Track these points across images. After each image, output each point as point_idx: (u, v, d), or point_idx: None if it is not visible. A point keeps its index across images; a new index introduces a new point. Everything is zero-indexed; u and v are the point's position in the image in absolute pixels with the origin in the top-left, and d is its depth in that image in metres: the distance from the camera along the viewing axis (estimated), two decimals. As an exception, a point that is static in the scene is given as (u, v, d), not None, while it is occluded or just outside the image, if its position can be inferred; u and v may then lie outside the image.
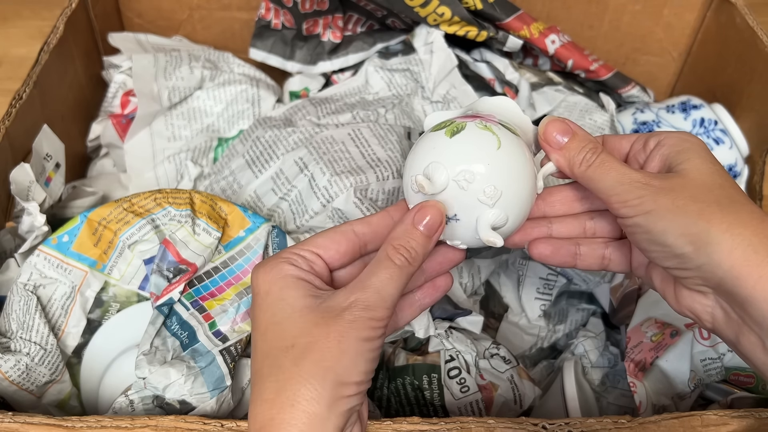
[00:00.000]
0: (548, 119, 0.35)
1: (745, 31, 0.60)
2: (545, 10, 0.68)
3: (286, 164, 0.53)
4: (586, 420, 0.34)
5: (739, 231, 0.28)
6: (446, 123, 0.35)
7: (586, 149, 0.34)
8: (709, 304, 0.31)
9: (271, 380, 0.29)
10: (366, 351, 0.30)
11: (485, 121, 0.34)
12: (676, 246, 0.30)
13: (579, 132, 0.35)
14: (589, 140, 0.34)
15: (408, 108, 0.60)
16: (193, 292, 0.43)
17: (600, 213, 0.38)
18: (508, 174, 0.33)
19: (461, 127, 0.34)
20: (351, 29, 0.66)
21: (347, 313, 0.30)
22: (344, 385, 0.29)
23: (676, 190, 0.31)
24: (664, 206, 0.30)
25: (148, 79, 0.60)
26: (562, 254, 0.37)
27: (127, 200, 0.46)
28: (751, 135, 0.59)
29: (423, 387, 0.45)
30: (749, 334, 0.30)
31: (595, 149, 0.34)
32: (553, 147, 0.35)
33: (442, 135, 0.34)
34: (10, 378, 0.40)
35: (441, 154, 0.33)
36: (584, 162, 0.34)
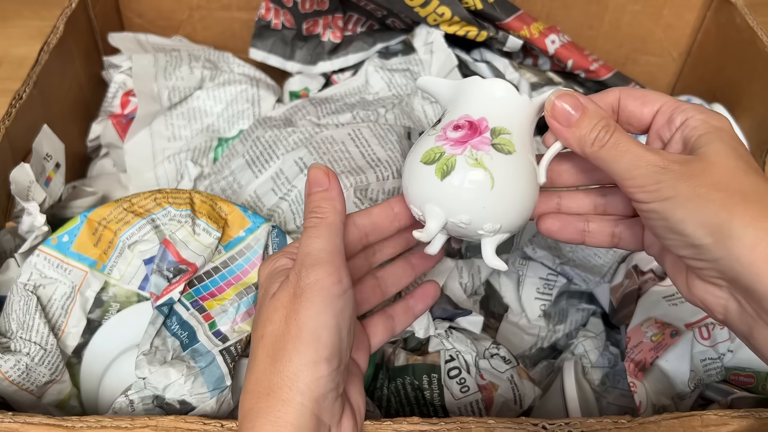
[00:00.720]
0: (556, 93, 0.32)
1: (745, 31, 0.60)
2: (545, 10, 0.68)
3: (286, 164, 0.53)
4: (586, 420, 0.34)
5: (763, 225, 0.26)
6: (435, 155, 0.33)
7: (598, 127, 0.31)
8: (722, 296, 0.30)
9: (249, 371, 0.31)
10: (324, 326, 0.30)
11: (476, 150, 0.32)
12: (695, 236, 0.28)
13: (590, 106, 0.32)
14: (602, 116, 0.31)
15: (408, 108, 0.60)
16: (193, 292, 0.43)
17: (611, 189, 0.36)
18: (505, 206, 0.33)
19: (451, 166, 0.32)
20: (351, 29, 0.66)
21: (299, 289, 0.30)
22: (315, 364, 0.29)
23: (697, 175, 0.28)
24: (684, 194, 0.28)
25: (148, 79, 0.60)
26: (570, 230, 0.36)
27: (127, 200, 0.46)
28: (751, 135, 0.59)
29: (423, 387, 0.45)
30: (764, 328, 0.28)
31: (608, 127, 0.31)
32: (562, 124, 0.32)
33: (432, 174, 0.33)
34: (10, 378, 0.40)
35: (434, 195, 0.33)
36: (597, 141, 0.31)
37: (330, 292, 0.30)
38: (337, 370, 0.30)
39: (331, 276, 0.30)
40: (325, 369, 0.29)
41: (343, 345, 0.31)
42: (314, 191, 0.33)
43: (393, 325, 0.39)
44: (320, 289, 0.30)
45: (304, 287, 0.30)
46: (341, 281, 0.31)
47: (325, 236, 0.32)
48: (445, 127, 0.34)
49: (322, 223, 0.32)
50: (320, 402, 0.29)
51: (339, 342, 0.30)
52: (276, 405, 0.29)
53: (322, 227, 0.32)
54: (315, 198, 0.33)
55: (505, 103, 0.34)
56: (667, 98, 0.33)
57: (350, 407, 0.33)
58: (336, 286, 0.30)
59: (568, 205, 0.37)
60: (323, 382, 0.29)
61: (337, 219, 0.33)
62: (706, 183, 0.28)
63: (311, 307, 0.30)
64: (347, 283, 0.31)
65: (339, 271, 0.31)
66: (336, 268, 0.31)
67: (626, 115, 0.34)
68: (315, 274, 0.30)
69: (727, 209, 0.27)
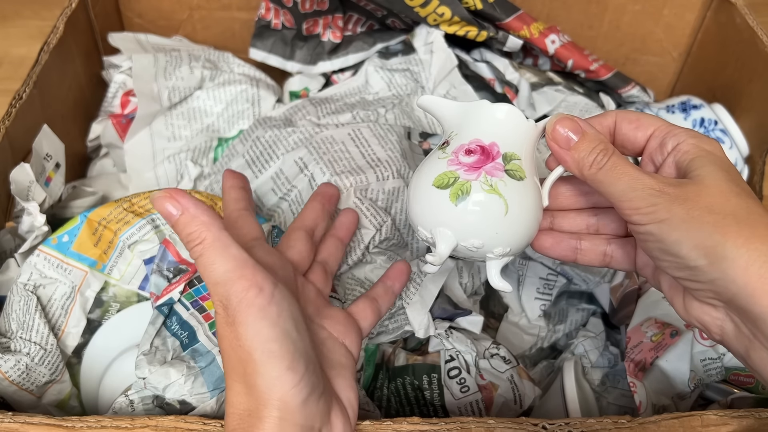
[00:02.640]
0: (556, 118, 0.34)
1: (745, 31, 0.60)
2: (545, 10, 0.68)
3: (286, 164, 0.53)
4: (586, 420, 0.34)
5: (755, 246, 0.27)
6: (449, 179, 0.33)
7: (596, 150, 0.32)
8: (719, 316, 0.30)
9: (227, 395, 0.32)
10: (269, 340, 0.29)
11: (490, 177, 0.33)
12: (690, 258, 0.29)
13: (589, 131, 0.33)
14: (600, 140, 0.33)
15: (408, 108, 0.60)
16: (193, 292, 0.43)
17: (604, 210, 0.37)
18: (517, 230, 0.33)
19: (466, 191, 0.33)
20: (351, 29, 0.66)
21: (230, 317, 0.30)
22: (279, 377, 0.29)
23: (691, 198, 0.29)
24: (679, 216, 0.29)
25: (148, 79, 0.60)
26: (562, 247, 0.37)
27: (127, 200, 0.46)
28: (751, 135, 0.59)
29: (423, 387, 0.45)
30: (761, 349, 0.29)
31: (606, 150, 0.32)
32: (561, 147, 0.33)
33: (446, 198, 0.33)
34: (10, 378, 0.40)
35: (447, 219, 0.33)
36: (594, 164, 0.32)
37: (257, 305, 0.29)
38: (306, 371, 0.30)
39: (250, 290, 0.29)
40: (293, 377, 0.29)
41: (299, 345, 0.30)
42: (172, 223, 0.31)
43: (378, 306, 0.41)
44: (246, 307, 0.29)
45: (232, 313, 0.29)
46: (262, 288, 0.30)
47: (218, 257, 0.30)
48: (457, 151, 0.34)
49: (204, 248, 0.30)
50: (302, 410, 0.29)
51: (293, 345, 0.30)
52: (256, 424, 0.29)
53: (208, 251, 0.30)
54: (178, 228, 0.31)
55: (514, 128, 0.34)
56: (660, 122, 0.34)
57: (339, 403, 0.33)
58: (259, 297, 0.29)
59: (561, 224, 0.38)
60: (296, 391, 0.29)
61: (215, 233, 0.30)
62: (700, 205, 0.29)
63: (248, 329, 0.29)
64: (270, 285, 0.30)
65: (254, 279, 0.30)
66: (249, 280, 0.29)
67: (621, 138, 0.35)
68: (233, 296, 0.29)
69: (721, 231, 0.28)
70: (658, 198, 0.30)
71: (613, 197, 0.31)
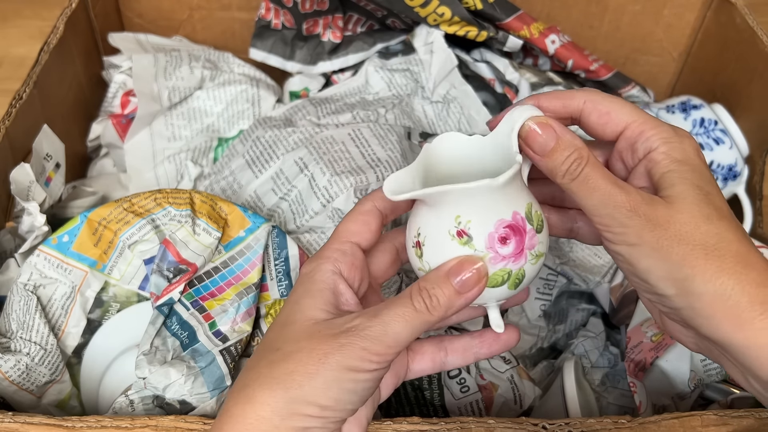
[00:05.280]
0: (533, 119, 0.31)
1: (745, 31, 0.60)
2: (545, 10, 0.68)
3: (286, 164, 0.53)
4: (586, 420, 0.34)
5: (722, 280, 0.27)
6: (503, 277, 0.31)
7: (571, 159, 0.30)
8: (691, 335, 0.31)
9: (243, 375, 0.29)
10: (347, 380, 0.28)
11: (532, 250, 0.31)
12: (658, 287, 0.29)
13: (564, 136, 0.31)
14: (575, 147, 0.30)
15: (408, 108, 0.60)
16: (193, 292, 0.43)
17: None
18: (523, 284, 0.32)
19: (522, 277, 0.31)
20: (351, 29, 0.66)
21: (343, 336, 0.28)
22: (305, 403, 0.27)
23: (661, 225, 0.28)
24: (649, 243, 0.28)
25: (148, 79, 0.60)
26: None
27: (127, 200, 0.46)
28: (751, 135, 0.59)
29: (423, 387, 0.45)
30: (732, 367, 0.29)
31: (581, 159, 0.30)
32: (536, 153, 0.31)
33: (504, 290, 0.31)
34: (10, 378, 0.40)
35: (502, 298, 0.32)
36: (568, 174, 0.30)
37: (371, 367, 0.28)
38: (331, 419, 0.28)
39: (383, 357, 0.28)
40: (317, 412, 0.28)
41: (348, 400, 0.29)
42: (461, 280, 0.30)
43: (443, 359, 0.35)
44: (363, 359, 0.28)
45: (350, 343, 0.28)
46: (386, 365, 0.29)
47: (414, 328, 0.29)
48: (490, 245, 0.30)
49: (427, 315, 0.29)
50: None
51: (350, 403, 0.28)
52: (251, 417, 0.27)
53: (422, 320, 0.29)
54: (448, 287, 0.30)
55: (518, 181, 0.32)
56: (632, 118, 0.31)
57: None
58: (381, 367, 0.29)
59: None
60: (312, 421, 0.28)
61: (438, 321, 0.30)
62: (670, 234, 0.28)
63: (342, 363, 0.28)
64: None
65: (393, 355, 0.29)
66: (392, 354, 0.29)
67: (587, 129, 0.33)
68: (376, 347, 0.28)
69: (689, 264, 0.28)
70: (629, 220, 0.29)
71: (585, 210, 0.30)
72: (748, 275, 0.27)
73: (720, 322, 0.27)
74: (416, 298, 0.29)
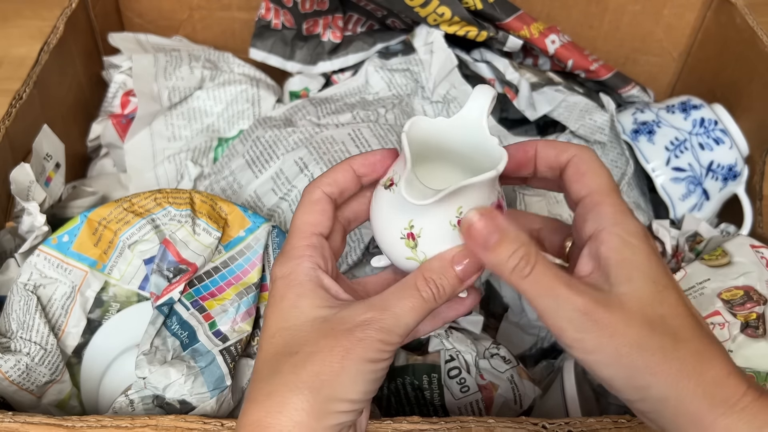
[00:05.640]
0: (472, 214, 0.30)
1: (745, 31, 0.60)
2: (545, 10, 0.68)
3: (287, 164, 0.53)
4: (586, 420, 0.34)
5: (683, 384, 0.27)
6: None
7: (517, 255, 0.29)
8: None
9: (266, 383, 0.29)
10: (368, 371, 0.29)
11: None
12: (622, 393, 0.28)
13: (510, 231, 0.29)
14: (522, 242, 0.29)
15: (408, 108, 0.60)
16: (193, 292, 0.43)
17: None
18: None
19: None
20: (351, 29, 0.66)
21: (358, 330, 0.29)
22: (337, 400, 0.28)
23: (619, 332, 0.27)
24: (608, 352, 0.27)
25: (148, 79, 0.60)
26: None
27: (127, 200, 0.46)
28: (751, 135, 0.59)
29: (423, 387, 0.45)
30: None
31: (529, 258, 0.29)
32: (479, 247, 0.30)
33: None
34: (10, 378, 0.40)
35: None
36: (516, 272, 0.29)
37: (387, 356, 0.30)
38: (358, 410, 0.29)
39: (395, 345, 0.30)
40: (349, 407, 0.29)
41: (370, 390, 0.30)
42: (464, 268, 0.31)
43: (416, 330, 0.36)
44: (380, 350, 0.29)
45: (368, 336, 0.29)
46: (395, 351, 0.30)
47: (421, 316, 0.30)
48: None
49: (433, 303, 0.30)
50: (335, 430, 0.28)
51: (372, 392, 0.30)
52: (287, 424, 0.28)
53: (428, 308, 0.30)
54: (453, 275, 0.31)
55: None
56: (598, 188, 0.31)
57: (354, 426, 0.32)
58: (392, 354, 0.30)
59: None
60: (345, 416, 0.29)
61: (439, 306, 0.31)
62: (629, 341, 0.27)
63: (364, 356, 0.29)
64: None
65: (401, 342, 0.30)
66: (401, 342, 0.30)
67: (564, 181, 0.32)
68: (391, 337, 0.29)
69: (650, 371, 0.27)
70: (585, 325, 0.27)
71: (536, 310, 0.29)
72: (708, 374, 0.27)
73: (683, 426, 0.27)
74: (424, 288, 0.30)
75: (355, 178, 0.34)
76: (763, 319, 0.45)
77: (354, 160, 0.34)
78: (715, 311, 0.47)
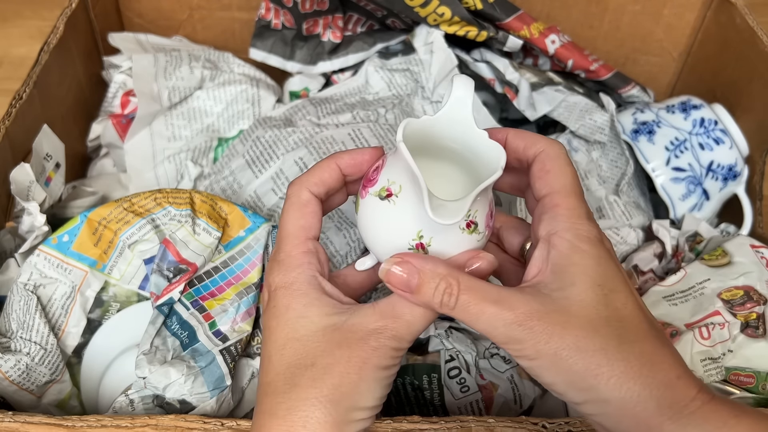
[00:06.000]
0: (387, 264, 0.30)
1: (745, 31, 0.60)
2: (545, 10, 0.68)
3: (287, 164, 0.53)
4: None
5: (628, 386, 0.27)
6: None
7: (440, 290, 0.29)
8: None
9: (285, 397, 0.29)
10: (383, 378, 0.29)
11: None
12: (566, 396, 0.28)
13: (424, 268, 0.29)
14: (440, 276, 0.29)
15: (408, 108, 0.60)
16: (193, 292, 0.43)
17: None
18: None
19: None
20: (351, 29, 0.66)
21: (372, 339, 0.29)
22: (357, 410, 0.29)
23: (557, 335, 0.27)
24: (547, 357, 0.27)
25: (148, 79, 0.60)
26: None
27: (127, 200, 0.46)
28: (751, 135, 0.59)
29: (423, 387, 0.45)
30: None
31: (450, 289, 0.29)
32: (405, 291, 0.30)
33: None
34: (10, 378, 0.40)
35: None
36: (444, 306, 0.29)
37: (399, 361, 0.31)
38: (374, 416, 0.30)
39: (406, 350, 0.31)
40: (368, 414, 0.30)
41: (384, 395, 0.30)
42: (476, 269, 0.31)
43: None
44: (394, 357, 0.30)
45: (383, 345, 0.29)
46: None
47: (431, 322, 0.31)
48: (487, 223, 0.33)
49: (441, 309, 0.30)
50: None
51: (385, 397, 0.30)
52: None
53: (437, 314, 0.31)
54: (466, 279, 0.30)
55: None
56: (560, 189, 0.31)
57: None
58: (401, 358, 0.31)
59: None
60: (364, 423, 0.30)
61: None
62: (567, 344, 0.27)
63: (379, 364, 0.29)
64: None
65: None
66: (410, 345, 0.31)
67: (530, 175, 0.32)
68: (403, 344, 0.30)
69: (592, 374, 0.27)
70: (522, 334, 0.28)
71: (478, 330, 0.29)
72: (655, 377, 0.27)
73: (629, 425, 0.27)
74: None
75: (340, 177, 0.34)
76: (763, 319, 0.45)
77: (340, 159, 0.34)
78: (715, 311, 0.47)
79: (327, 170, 0.34)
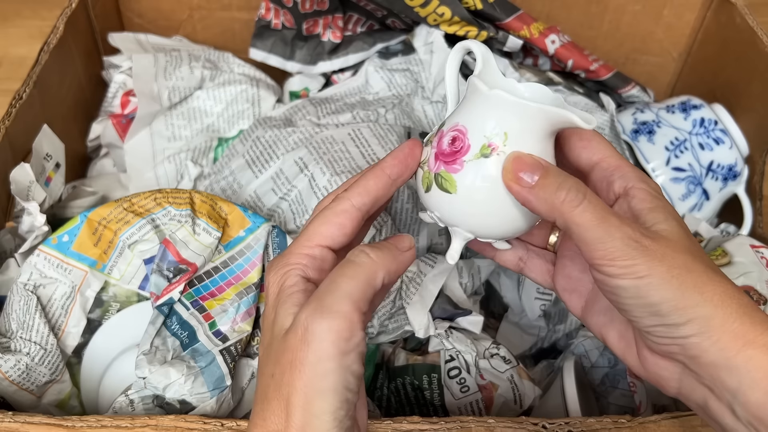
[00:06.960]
0: (512, 156, 0.30)
1: (745, 31, 0.60)
2: (545, 10, 0.68)
3: (286, 164, 0.53)
4: (586, 420, 0.34)
5: (727, 303, 0.28)
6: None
7: (566, 186, 0.29)
8: (677, 370, 0.30)
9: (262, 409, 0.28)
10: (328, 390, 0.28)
11: None
12: (669, 317, 0.28)
13: (551, 167, 0.30)
14: (566, 175, 0.30)
15: (408, 108, 0.60)
16: (193, 292, 0.43)
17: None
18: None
19: None
20: (351, 29, 0.66)
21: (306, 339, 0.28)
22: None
23: (668, 255, 0.28)
24: (660, 275, 0.28)
25: (148, 79, 0.60)
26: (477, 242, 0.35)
27: (127, 200, 0.46)
28: (751, 135, 0.59)
29: (423, 387, 0.45)
30: (717, 401, 0.29)
31: (579, 187, 0.29)
32: (523, 186, 0.30)
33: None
34: (11, 378, 0.40)
35: None
36: (567, 202, 0.29)
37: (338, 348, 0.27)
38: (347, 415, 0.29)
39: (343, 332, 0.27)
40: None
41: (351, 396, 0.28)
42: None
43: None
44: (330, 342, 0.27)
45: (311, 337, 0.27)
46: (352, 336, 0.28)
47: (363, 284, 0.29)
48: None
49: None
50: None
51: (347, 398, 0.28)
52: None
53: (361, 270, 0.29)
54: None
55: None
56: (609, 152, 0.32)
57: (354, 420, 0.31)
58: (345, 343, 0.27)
59: None
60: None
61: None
62: (678, 263, 0.28)
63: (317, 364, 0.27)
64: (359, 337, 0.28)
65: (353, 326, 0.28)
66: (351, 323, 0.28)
67: (566, 149, 0.33)
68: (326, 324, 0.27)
69: (699, 290, 0.28)
70: (636, 251, 0.28)
71: (585, 243, 0.29)
72: (742, 299, 0.28)
73: (726, 344, 0.27)
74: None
75: (389, 182, 0.32)
76: (763, 319, 0.45)
77: (384, 163, 0.32)
78: (715, 311, 0.46)
79: (372, 177, 0.32)
